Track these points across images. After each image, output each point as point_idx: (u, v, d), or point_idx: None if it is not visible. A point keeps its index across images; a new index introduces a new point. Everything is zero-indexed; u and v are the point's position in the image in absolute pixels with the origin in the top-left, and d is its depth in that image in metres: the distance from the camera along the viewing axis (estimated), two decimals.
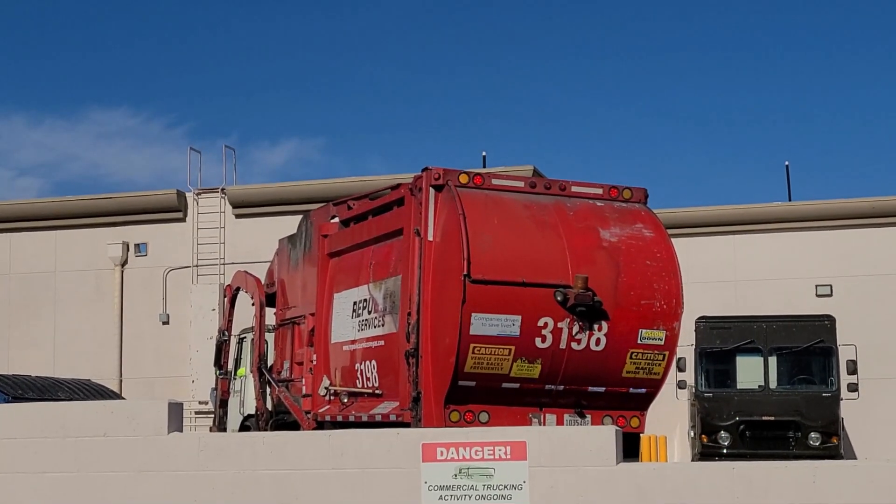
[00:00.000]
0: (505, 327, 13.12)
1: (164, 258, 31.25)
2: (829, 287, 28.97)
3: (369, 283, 15.07)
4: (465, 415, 13.24)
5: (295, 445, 9.66)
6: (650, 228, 14.24)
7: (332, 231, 16.44)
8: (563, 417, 13.72)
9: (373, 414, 14.41)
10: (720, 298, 27.99)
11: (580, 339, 13.47)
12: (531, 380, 13.40)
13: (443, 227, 13.53)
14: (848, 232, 29.25)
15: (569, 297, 13.25)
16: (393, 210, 14.81)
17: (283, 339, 17.87)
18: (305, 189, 30.18)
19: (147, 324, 31.10)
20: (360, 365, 15.13)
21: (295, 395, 16.93)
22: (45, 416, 10.17)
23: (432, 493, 9.23)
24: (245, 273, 20.11)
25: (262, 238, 27.07)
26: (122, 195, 32.06)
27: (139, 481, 9.83)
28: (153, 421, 9.88)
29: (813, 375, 23.21)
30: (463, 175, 13.79)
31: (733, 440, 22.54)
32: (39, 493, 10.00)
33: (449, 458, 9.21)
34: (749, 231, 29.80)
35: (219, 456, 9.70)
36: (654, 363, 13.83)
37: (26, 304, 31.76)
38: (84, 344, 31.12)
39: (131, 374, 30.95)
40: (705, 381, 23.18)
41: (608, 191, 14.50)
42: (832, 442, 22.33)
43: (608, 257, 13.76)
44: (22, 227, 32.03)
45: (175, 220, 31.32)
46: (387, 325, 14.49)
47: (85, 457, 9.93)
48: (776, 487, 8.75)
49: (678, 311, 13.93)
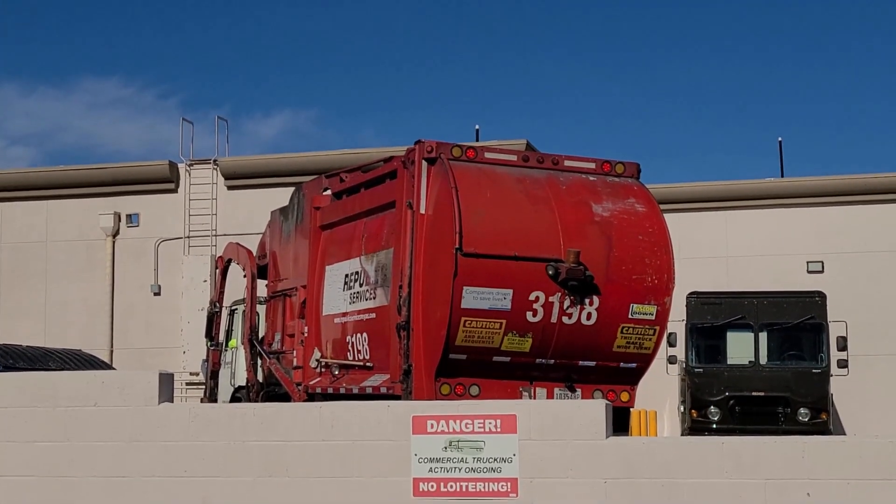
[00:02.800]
0: (496, 301, 13.13)
1: (155, 229, 31.20)
2: (820, 263, 29.02)
3: (361, 255, 15.07)
4: (456, 388, 13.26)
5: (285, 417, 9.66)
6: (642, 203, 14.25)
7: (325, 203, 16.42)
8: (554, 391, 13.74)
9: (363, 386, 14.43)
10: (711, 274, 28.02)
11: (571, 313, 13.49)
12: (522, 353, 13.42)
13: (435, 201, 13.52)
14: (840, 209, 29.28)
15: (560, 272, 13.26)
16: (385, 183, 14.80)
17: (275, 311, 17.87)
18: (298, 161, 30.13)
19: (138, 295, 31.08)
20: (352, 337, 15.14)
21: (286, 367, 16.95)
22: (35, 385, 10.17)
23: (422, 465, 9.25)
24: (237, 245, 20.09)
25: (255, 210, 27.07)
26: (114, 165, 31.98)
27: (129, 451, 9.84)
28: (144, 391, 9.88)
29: (803, 351, 23.26)
30: (456, 148, 13.77)
31: (723, 415, 22.61)
32: (29, 461, 10.01)
33: (439, 430, 9.23)
34: (741, 207, 29.81)
35: (209, 427, 9.71)
36: (645, 338, 13.86)
37: (17, 274, 31.72)
38: (75, 314, 31.11)
39: (122, 345, 30.94)
40: (696, 356, 23.23)
41: (601, 165, 14.49)
42: (821, 418, 22.40)
43: (600, 232, 13.76)
44: (13, 196, 31.94)
45: (167, 191, 31.27)
46: (378, 298, 14.50)
47: (75, 426, 9.94)
48: (765, 462, 8.78)
49: (669, 286, 13.95)
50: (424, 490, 9.23)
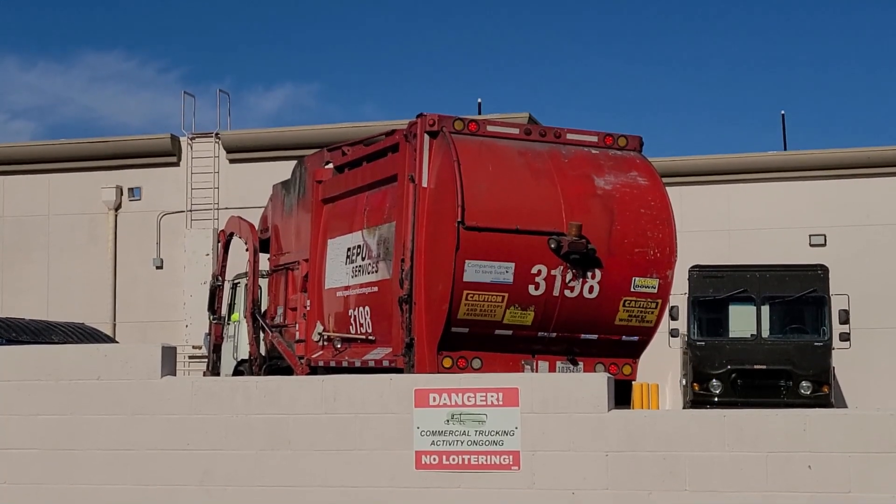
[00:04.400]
0: (498, 274, 13.14)
1: (157, 202, 31.19)
2: (822, 237, 28.98)
3: (363, 229, 15.06)
4: (458, 361, 13.29)
5: (288, 390, 9.68)
6: (645, 177, 14.23)
7: (327, 177, 16.41)
8: (556, 364, 13.77)
9: (366, 360, 14.45)
10: (714, 247, 28.00)
11: (573, 286, 13.49)
12: (524, 327, 13.43)
13: (437, 174, 13.50)
14: (843, 182, 29.23)
15: (562, 245, 13.26)
16: (387, 156, 14.77)
17: (277, 284, 17.89)
18: (300, 134, 30.06)
19: (140, 268, 31.09)
20: (354, 311, 15.15)
21: (288, 340, 16.97)
22: (39, 358, 10.18)
23: (424, 438, 9.26)
24: (239, 218, 20.08)
25: (256, 183, 27.02)
26: (115, 139, 31.92)
27: (132, 424, 9.86)
28: (146, 365, 9.89)
29: (805, 325, 23.27)
30: (458, 121, 13.74)
31: (725, 388, 22.62)
32: (33, 435, 10.03)
33: (441, 403, 9.24)
34: (744, 180, 29.76)
35: (211, 400, 9.72)
36: (647, 311, 13.87)
37: (20, 247, 31.72)
38: (77, 288, 31.12)
39: (125, 319, 30.98)
40: (698, 329, 23.24)
41: (603, 138, 14.46)
42: (823, 391, 22.41)
43: (602, 205, 13.75)
44: (15, 170, 31.91)
45: (169, 164, 31.22)
46: (380, 272, 14.50)
47: (78, 400, 9.95)
48: (766, 436, 8.79)
49: (672, 259, 13.95)
50: (426, 463, 9.25)
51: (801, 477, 8.71)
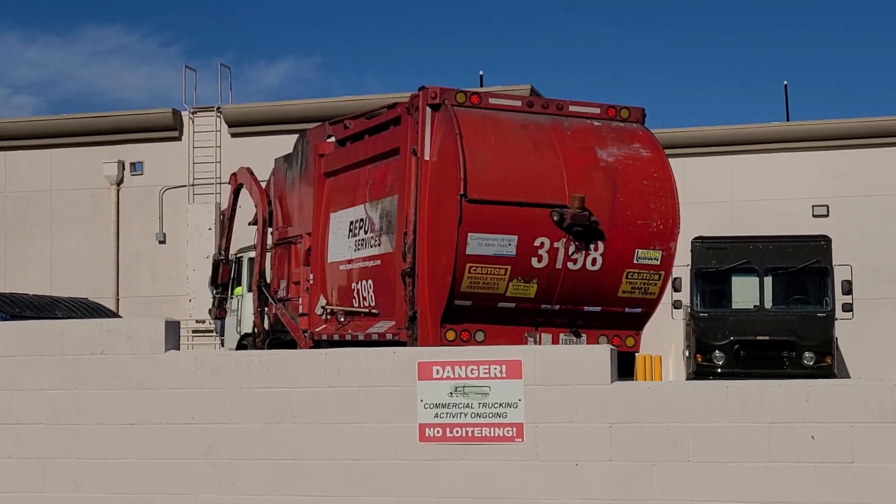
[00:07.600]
0: (501, 247, 13.13)
1: (159, 177, 31.21)
2: (825, 207, 28.98)
3: (366, 202, 15.05)
4: (461, 334, 13.30)
5: (292, 364, 9.68)
6: (647, 148, 14.20)
7: (329, 150, 16.39)
8: (559, 337, 13.78)
9: (369, 333, 14.47)
10: (717, 219, 28.01)
11: (576, 258, 13.49)
12: (527, 299, 13.43)
13: (439, 147, 13.48)
14: (845, 152, 29.19)
15: (565, 217, 13.25)
16: (389, 129, 14.75)
17: (280, 258, 17.89)
18: (301, 108, 30.04)
19: (143, 243, 31.14)
20: (357, 284, 15.16)
21: (292, 313, 16.99)
22: (43, 333, 10.18)
23: (428, 410, 9.28)
24: (251, 176, 19.68)
25: (258, 157, 26.98)
26: (117, 114, 31.92)
27: (136, 399, 9.88)
28: (150, 339, 9.89)
29: (808, 295, 23.29)
30: (460, 94, 13.71)
31: (728, 359, 22.67)
32: (38, 410, 10.05)
33: (445, 376, 9.24)
34: (746, 151, 29.74)
35: (215, 374, 9.73)
36: (650, 283, 13.87)
37: (22, 222, 31.77)
38: (80, 262, 31.18)
39: (128, 293, 31.05)
40: (701, 301, 23.27)
41: (605, 110, 14.43)
42: (826, 361, 22.45)
43: (605, 177, 13.73)
44: (17, 145, 31.93)
45: (171, 138, 31.23)
46: (383, 245, 14.50)
47: (83, 374, 9.97)
48: (770, 406, 8.79)
49: (674, 231, 13.94)
50: (430, 435, 9.26)
51: (804, 447, 8.72)
